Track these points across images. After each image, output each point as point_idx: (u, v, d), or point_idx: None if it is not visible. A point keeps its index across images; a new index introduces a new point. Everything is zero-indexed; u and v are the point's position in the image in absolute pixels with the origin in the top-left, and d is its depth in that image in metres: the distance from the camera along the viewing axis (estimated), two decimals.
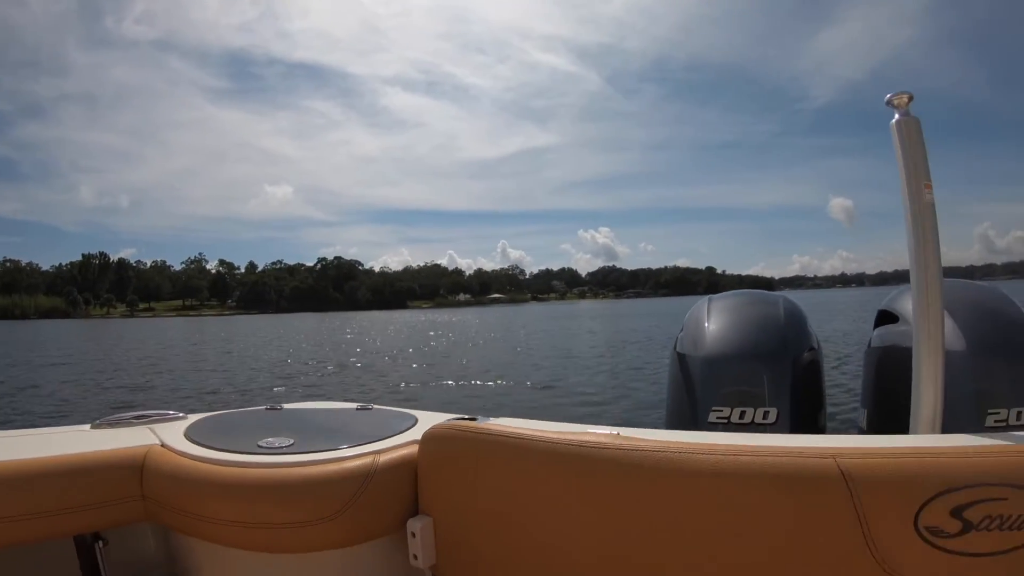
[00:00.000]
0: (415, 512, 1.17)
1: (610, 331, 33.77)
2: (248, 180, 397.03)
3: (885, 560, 0.79)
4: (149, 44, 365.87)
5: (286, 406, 1.61)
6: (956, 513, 0.78)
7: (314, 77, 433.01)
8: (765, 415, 1.58)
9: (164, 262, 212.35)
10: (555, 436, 1.02)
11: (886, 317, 1.73)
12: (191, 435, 1.32)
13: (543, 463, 1.01)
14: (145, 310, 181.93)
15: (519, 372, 15.20)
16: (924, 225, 1.14)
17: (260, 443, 1.22)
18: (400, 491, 1.17)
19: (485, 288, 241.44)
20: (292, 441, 1.23)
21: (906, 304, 1.61)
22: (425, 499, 1.16)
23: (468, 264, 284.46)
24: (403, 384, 13.58)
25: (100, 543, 1.28)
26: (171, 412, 1.51)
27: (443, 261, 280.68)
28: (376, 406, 1.54)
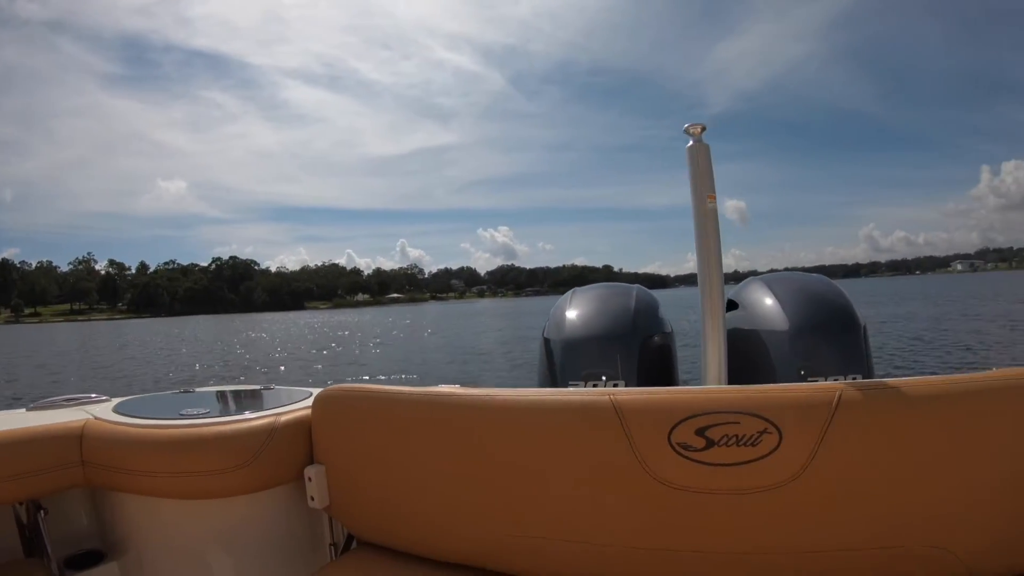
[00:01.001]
0: (311, 461, 1.35)
1: (514, 327, 34.78)
2: (140, 174, 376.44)
3: (650, 469, 1.04)
4: (41, 24, 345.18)
5: (198, 389, 1.77)
6: (700, 433, 1.02)
7: (213, 66, 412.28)
8: (615, 387, 1.69)
9: (50, 263, 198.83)
10: (416, 392, 1.25)
11: (731, 304, 1.88)
12: (120, 410, 1.47)
13: (408, 413, 1.24)
14: (31, 315, 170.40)
15: (427, 370, 15.89)
16: (707, 227, 1.34)
17: (181, 412, 1.39)
18: (297, 444, 1.35)
19: (384, 288, 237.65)
20: (208, 410, 1.41)
21: (745, 293, 1.84)
22: (319, 450, 1.34)
23: (367, 263, 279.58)
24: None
25: (41, 512, 1.39)
26: (96, 395, 1.64)
27: (341, 260, 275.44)
28: (277, 386, 1.72)
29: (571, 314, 1.87)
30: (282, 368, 18.06)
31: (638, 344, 1.75)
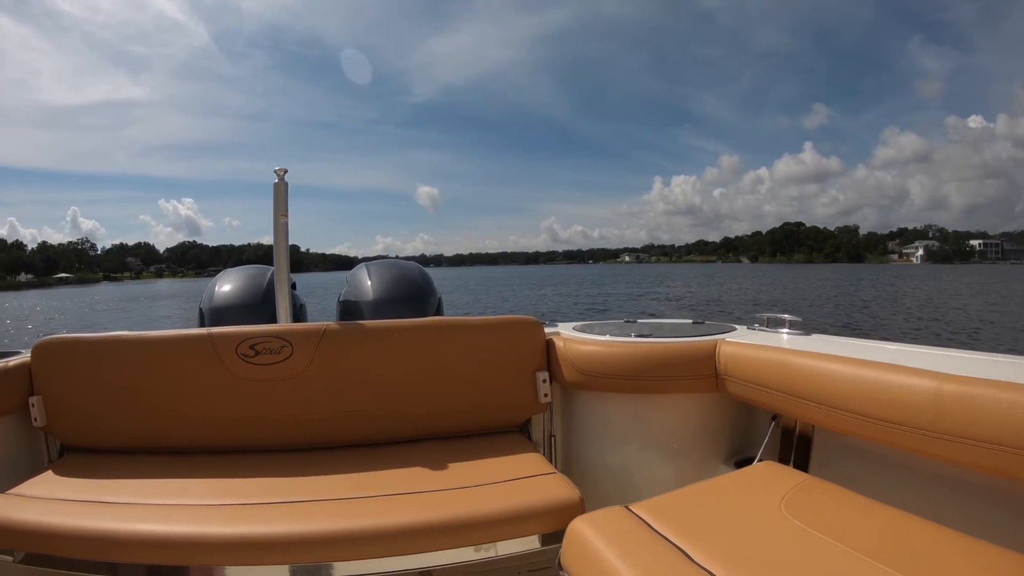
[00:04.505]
0: (33, 392, 1.72)
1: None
2: None
3: (228, 370, 1.68)
4: None
5: None
6: (252, 347, 1.68)
7: None
8: None
9: None
10: (105, 335, 1.71)
11: (347, 282, 2.37)
12: None
13: (100, 350, 1.69)
14: None
15: None
16: (280, 234, 1.83)
17: None
18: (22, 381, 1.71)
19: (51, 266, 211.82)
20: None
21: (354, 275, 2.38)
22: (38, 384, 1.71)
23: (32, 235, 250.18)
24: None
25: None
26: None
27: (3, 231, 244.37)
28: (11, 350, 1.96)
29: (219, 289, 2.30)
30: None
31: (268, 312, 2.17)
